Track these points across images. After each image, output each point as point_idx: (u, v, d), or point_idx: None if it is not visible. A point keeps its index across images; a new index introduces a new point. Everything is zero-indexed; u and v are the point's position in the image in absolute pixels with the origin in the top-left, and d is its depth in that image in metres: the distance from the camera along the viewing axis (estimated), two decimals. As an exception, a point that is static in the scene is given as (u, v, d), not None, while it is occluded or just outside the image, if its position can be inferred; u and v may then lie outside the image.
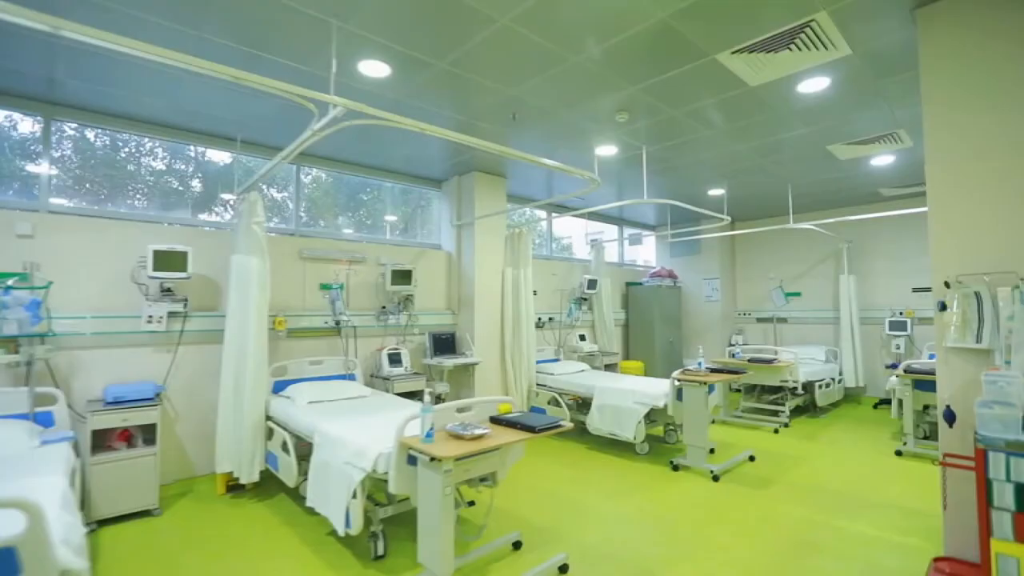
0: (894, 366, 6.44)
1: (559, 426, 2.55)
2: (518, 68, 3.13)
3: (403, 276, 4.84)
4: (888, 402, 6.38)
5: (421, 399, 4.76)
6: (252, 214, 3.66)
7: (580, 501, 3.53)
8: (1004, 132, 2.26)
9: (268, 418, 3.68)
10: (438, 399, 5.02)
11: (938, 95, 2.46)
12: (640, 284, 7.64)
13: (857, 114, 3.88)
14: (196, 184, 4.32)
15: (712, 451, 4.54)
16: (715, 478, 3.89)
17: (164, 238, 3.78)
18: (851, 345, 6.71)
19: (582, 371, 5.72)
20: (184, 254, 3.55)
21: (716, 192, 6.28)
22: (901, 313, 6.64)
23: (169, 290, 3.70)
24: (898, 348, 6.53)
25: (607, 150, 4.68)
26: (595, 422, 4.69)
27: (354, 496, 2.55)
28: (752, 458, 4.40)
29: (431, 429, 2.31)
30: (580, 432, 5.13)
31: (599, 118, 3.92)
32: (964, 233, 2.35)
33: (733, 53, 2.95)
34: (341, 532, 2.62)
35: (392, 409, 3.51)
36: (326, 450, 2.90)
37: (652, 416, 4.52)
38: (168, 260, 3.51)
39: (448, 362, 4.87)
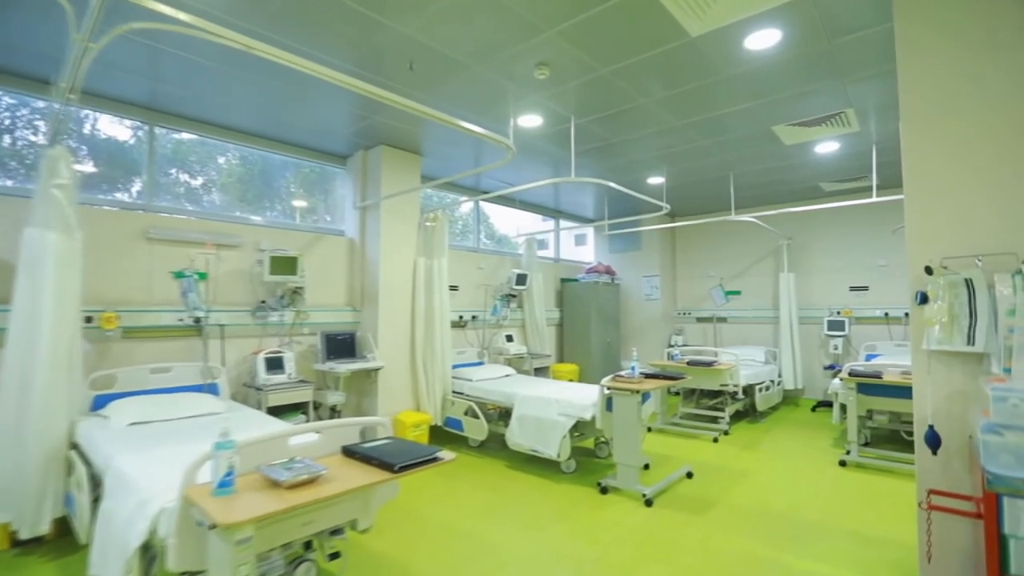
0: (832, 367, 6.22)
1: (434, 460, 1.87)
2: (402, -11, 2.42)
3: (286, 264, 3.99)
4: (827, 404, 6.13)
5: (304, 413, 3.98)
6: (53, 174, 2.73)
7: (487, 537, 2.85)
8: (1003, 80, 1.77)
9: (74, 446, 2.78)
10: (332, 411, 4.22)
11: (914, 37, 1.96)
12: (576, 280, 7.08)
13: (806, 86, 3.44)
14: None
15: (647, 467, 3.99)
16: (648, 502, 3.32)
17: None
18: (790, 345, 6.46)
19: (506, 376, 5.06)
20: (-56, 225, 2.60)
21: (655, 180, 5.80)
22: (839, 313, 6.42)
23: (-74, 274, 2.72)
24: (836, 349, 6.31)
25: (531, 120, 4.03)
26: (515, 436, 4.04)
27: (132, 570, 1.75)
28: (690, 475, 3.88)
29: (229, 474, 1.56)
30: (502, 445, 4.46)
31: (516, 75, 3.27)
32: (950, 207, 1.84)
33: (670, -18, 2.37)
34: (113, 621, 1.81)
35: (244, 432, 2.68)
36: (116, 496, 2.07)
37: (581, 428, 3.92)
38: (-83, 232, 2.54)
39: (343, 367, 4.07)
